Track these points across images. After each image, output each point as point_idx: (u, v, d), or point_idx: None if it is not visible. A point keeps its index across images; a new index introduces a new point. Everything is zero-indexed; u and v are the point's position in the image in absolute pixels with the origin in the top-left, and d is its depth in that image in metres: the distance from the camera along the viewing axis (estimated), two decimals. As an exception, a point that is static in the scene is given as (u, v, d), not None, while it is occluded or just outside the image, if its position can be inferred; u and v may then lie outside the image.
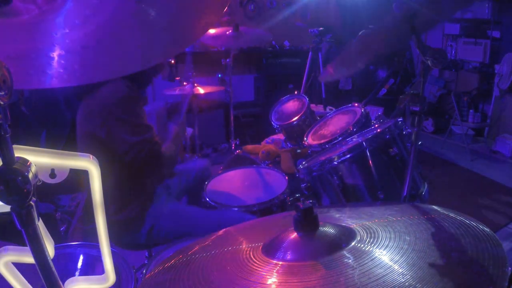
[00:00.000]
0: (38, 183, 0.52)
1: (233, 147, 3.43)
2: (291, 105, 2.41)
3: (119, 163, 1.58)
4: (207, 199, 1.89)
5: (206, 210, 1.85)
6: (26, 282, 0.61)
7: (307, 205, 0.68)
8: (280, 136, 2.99)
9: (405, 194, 1.21)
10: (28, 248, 0.52)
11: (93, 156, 0.62)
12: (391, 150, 1.42)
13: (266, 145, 3.12)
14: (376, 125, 1.64)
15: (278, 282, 0.60)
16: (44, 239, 0.53)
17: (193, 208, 1.87)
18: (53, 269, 0.54)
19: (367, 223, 0.73)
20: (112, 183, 1.61)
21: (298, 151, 2.44)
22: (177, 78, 2.93)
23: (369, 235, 0.67)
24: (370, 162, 1.43)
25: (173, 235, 1.70)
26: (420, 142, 1.21)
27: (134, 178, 1.67)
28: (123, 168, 1.60)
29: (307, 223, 0.68)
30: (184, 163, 2.33)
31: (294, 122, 2.19)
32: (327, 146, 1.71)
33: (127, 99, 1.56)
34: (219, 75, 3.74)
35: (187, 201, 2.21)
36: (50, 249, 0.56)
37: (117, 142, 1.55)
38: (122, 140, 1.55)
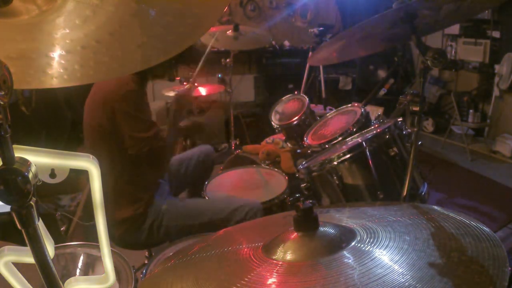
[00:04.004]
0: (38, 183, 0.52)
1: (233, 147, 3.43)
2: (291, 105, 2.41)
3: (123, 156, 1.59)
4: (208, 199, 1.89)
5: (203, 199, 1.85)
6: (26, 282, 0.61)
7: (307, 205, 0.68)
8: (280, 136, 2.99)
9: (405, 194, 1.21)
10: (28, 248, 0.52)
11: (93, 156, 0.62)
12: (391, 150, 1.42)
13: (266, 145, 3.12)
14: (376, 125, 1.64)
15: (278, 282, 0.60)
16: (44, 239, 0.53)
17: (193, 199, 1.87)
18: (53, 269, 0.54)
19: (367, 223, 0.73)
20: (117, 180, 1.62)
21: (298, 151, 2.44)
22: (177, 78, 2.92)
23: (369, 235, 0.67)
24: (370, 162, 1.43)
25: (173, 230, 1.70)
26: (420, 142, 1.21)
27: (139, 173, 1.68)
28: (127, 162, 1.61)
29: (307, 223, 0.68)
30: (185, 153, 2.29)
31: (294, 122, 2.19)
32: (327, 146, 1.71)
33: (134, 94, 1.56)
34: (219, 75, 3.74)
35: (187, 196, 2.21)
36: (50, 249, 0.56)
37: (123, 136, 1.56)
38: (128, 135, 1.56)
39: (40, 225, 0.53)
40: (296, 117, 2.19)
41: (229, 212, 1.68)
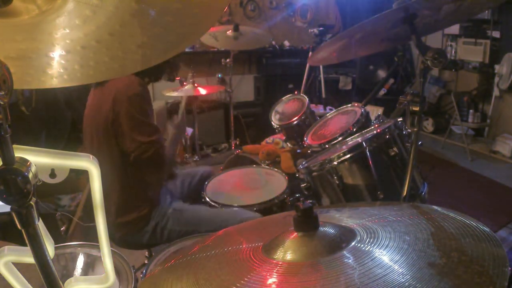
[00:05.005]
0: (38, 183, 0.52)
1: (233, 147, 3.43)
2: (291, 105, 2.41)
3: (125, 158, 1.59)
4: (207, 199, 1.89)
5: (209, 208, 1.85)
6: (26, 282, 0.61)
7: (307, 205, 0.68)
8: (280, 136, 2.99)
9: (405, 194, 1.21)
10: (28, 248, 0.52)
11: (93, 156, 0.62)
12: (391, 150, 1.42)
13: (266, 145, 3.12)
14: (376, 125, 1.64)
15: (278, 282, 0.60)
16: (44, 239, 0.53)
17: (196, 206, 1.88)
18: (53, 269, 0.54)
19: (367, 223, 0.73)
20: (121, 182, 1.62)
21: (298, 151, 2.44)
22: (177, 78, 2.93)
23: (369, 235, 0.67)
24: (370, 162, 1.43)
25: (176, 234, 1.70)
26: (420, 142, 1.21)
27: (142, 176, 1.68)
28: (129, 164, 1.61)
29: (307, 223, 0.68)
30: (187, 168, 2.34)
31: (294, 122, 2.19)
32: (327, 146, 1.71)
33: (140, 97, 1.55)
34: (219, 75, 3.74)
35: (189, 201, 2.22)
36: (50, 249, 0.56)
37: (125, 139, 1.56)
38: (130, 138, 1.55)
39: (40, 225, 0.53)
40: (296, 117, 2.19)
41: (231, 224, 1.68)
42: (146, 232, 1.69)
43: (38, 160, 0.55)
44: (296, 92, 2.50)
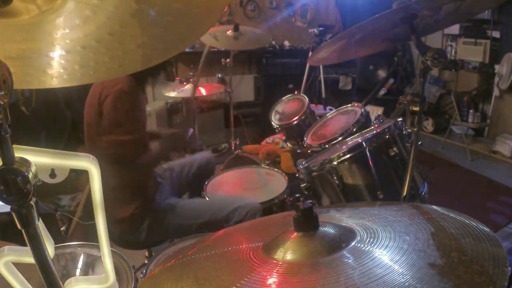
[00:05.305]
0: (38, 183, 0.52)
1: (233, 147, 3.43)
2: (291, 105, 2.41)
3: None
4: (207, 199, 1.89)
5: (205, 199, 1.85)
6: (26, 282, 0.61)
7: (307, 205, 0.68)
8: (280, 136, 2.99)
9: (405, 194, 1.21)
10: (28, 248, 0.52)
11: (93, 156, 0.62)
12: (391, 150, 1.42)
13: (266, 145, 3.12)
14: (376, 125, 1.64)
15: (278, 282, 0.60)
16: (44, 239, 0.53)
17: (192, 199, 1.87)
18: (53, 269, 0.54)
19: (367, 223, 0.73)
20: (113, 179, 1.62)
21: (298, 151, 2.45)
22: (177, 78, 2.93)
23: (369, 235, 0.67)
24: (370, 162, 1.43)
25: (172, 228, 1.70)
26: (420, 142, 1.21)
27: (131, 174, 1.67)
28: (118, 162, 1.61)
29: (307, 223, 0.68)
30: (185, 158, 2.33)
31: (294, 122, 2.19)
32: (327, 146, 1.71)
33: (124, 94, 1.53)
34: (219, 75, 3.74)
35: (189, 197, 2.22)
36: (50, 249, 0.56)
37: (103, 135, 1.56)
38: (104, 134, 1.56)
39: (40, 225, 0.53)
40: (296, 117, 2.20)
41: (229, 212, 1.68)
42: (143, 230, 1.69)
43: (38, 160, 0.55)
44: (296, 92, 2.50)
